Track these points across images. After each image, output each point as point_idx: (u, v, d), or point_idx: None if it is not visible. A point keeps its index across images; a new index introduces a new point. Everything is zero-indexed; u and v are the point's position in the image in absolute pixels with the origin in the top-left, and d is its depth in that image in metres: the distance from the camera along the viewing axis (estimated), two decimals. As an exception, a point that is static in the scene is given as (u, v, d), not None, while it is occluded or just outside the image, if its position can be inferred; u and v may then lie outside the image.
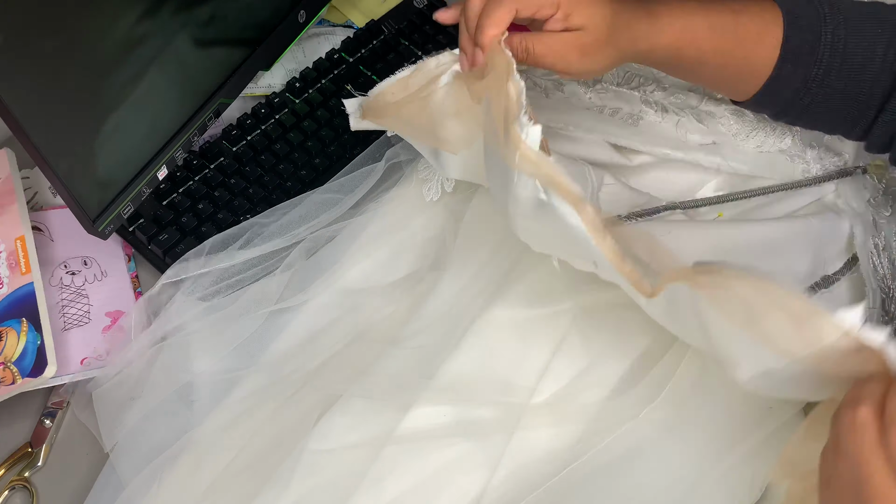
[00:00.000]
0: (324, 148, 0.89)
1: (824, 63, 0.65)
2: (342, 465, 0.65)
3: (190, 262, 0.77)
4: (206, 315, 0.75)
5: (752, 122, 0.82)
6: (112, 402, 0.72)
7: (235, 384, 0.72)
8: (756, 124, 0.82)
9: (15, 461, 0.72)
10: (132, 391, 0.72)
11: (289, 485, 0.64)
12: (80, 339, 0.77)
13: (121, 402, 0.71)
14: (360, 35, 0.98)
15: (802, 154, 0.82)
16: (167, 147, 0.81)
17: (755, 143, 0.82)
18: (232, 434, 0.69)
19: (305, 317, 0.76)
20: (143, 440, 0.69)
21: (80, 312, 0.79)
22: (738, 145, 0.81)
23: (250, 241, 0.79)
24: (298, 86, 0.93)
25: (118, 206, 0.77)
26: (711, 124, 0.82)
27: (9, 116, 0.62)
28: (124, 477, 0.67)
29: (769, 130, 0.82)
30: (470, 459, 0.65)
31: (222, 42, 0.84)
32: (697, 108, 0.82)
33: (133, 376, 0.72)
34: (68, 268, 0.82)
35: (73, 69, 0.66)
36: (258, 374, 0.72)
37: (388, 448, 0.66)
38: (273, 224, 0.80)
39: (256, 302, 0.76)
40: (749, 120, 0.82)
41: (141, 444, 0.69)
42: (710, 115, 0.82)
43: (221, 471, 0.67)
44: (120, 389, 0.72)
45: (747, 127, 0.82)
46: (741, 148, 0.82)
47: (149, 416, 0.70)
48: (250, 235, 0.79)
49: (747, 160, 0.82)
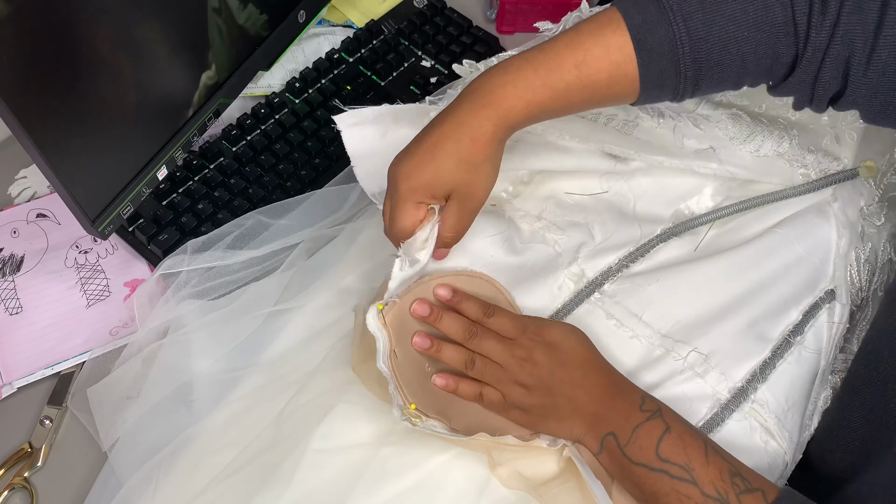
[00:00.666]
0: (324, 148, 0.89)
1: (690, 75, 0.64)
2: (343, 465, 0.66)
3: (186, 256, 0.77)
4: (204, 314, 0.75)
5: (750, 125, 0.82)
6: (108, 402, 0.72)
7: (235, 384, 0.72)
8: (754, 128, 0.82)
9: (15, 461, 0.72)
10: (128, 390, 0.72)
11: (290, 484, 0.64)
12: (105, 313, 0.81)
13: (117, 401, 0.72)
14: (359, 35, 0.98)
15: (801, 158, 0.81)
16: (167, 147, 0.81)
17: (752, 146, 0.81)
18: (231, 433, 0.69)
19: (305, 317, 0.76)
20: (142, 439, 0.69)
21: (100, 287, 0.82)
22: (735, 150, 0.81)
23: (246, 236, 0.79)
24: (298, 86, 0.93)
25: (118, 207, 0.77)
26: (708, 128, 0.81)
27: (9, 116, 0.62)
28: (122, 476, 0.68)
29: (766, 134, 0.81)
30: (470, 457, 0.66)
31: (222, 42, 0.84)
32: (694, 113, 0.82)
33: (129, 375, 0.73)
34: (80, 247, 0.85)
35: (72, 69, 0.66)
36: (257, 373, 0.73)
37: (387, 448, 0.66)
38: (273, 225, 0.80)
39: (256, 302, 0.76)
40: (746, 123, 0.81)
41: (139, 443, 0.69)
42: (707, 118, 0.81)
43: (220, 469, 0.67)
44: (116, 388, 0.72)
45: (745, 131, 0.81)
46: (738, 152, 0.81)
47: (147, 416, 0.70)
48: (245, 231, 0.79)
49: (745, 164, 0.81)
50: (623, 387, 0.65)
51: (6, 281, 0.82)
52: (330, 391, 0.70)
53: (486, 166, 0.65)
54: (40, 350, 0.78)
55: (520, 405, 0.65)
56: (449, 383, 0.65)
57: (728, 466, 0.59)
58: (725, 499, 0.57)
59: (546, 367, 0.64)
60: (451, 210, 0.66)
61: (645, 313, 0.74)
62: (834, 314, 0.74)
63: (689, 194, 0.81)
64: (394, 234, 0.67)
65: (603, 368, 0.66)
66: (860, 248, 0.78)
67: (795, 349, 0.72)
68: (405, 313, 0.68)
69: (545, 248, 0.77)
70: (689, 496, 0.58)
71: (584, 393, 0.64)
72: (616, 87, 0.64)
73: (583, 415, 0.64)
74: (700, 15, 0.61)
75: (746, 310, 0.73)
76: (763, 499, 0.57)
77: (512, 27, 1.03)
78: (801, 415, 0.71)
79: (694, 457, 0.59)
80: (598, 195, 0.81)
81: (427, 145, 0.64)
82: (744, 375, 0.71)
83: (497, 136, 0.64)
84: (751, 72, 0.64)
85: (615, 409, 0.63)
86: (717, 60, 0.63)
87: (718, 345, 0.72)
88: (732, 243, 0.78)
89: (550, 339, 0.66)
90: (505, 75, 0.64)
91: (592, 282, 0.76)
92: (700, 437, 0.61)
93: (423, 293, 0.69)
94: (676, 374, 0.71)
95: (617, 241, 0.78)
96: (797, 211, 0.80)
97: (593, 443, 0.63)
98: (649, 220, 0.80)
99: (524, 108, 0.64)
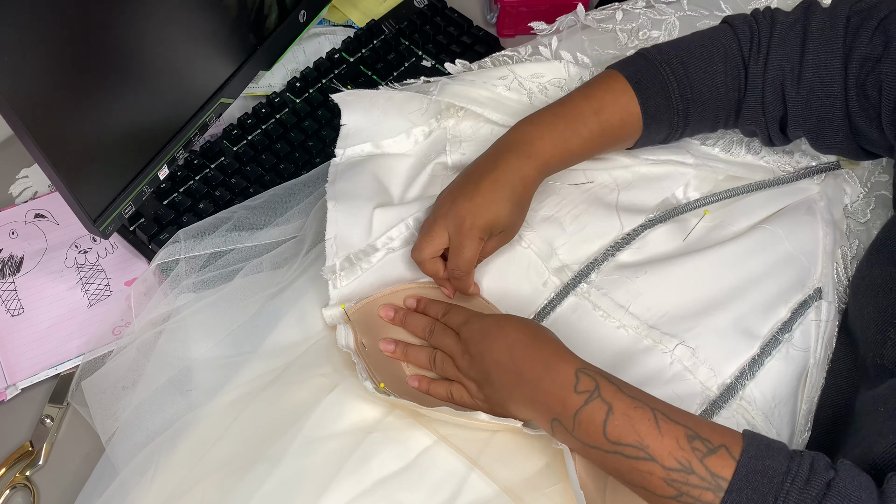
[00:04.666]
0: (324, 147, 0.89)
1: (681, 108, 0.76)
2: (330, 450, 0.66)
3: (182, 244, 0.77)
4: (200, 301, 0.75)
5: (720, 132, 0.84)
6: (104, 393, 0.72)
7: (232, 371, 0.72)
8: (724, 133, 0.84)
9: (16, 460, 0.72)
10: (124, 380, 0.72)
11: (276, 468, 0.64)
12: (108, 312, 0.81)
13: (113, 391, 0.72)
14: (360, 35, 0.98)
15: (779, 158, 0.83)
16: (168, 146, 0.81)
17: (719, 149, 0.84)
18: (228, 422, 0.69)
19: (301, 306, 0.76)
20: (139, 428, 0.69)
21: (101, 287, 0.82)
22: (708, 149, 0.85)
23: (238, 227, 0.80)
24: (299, 85, 0.93)
25: (119, 206, 0.77)
26: None
27: (10, 115, 0.62)
28: (119, 463, 0.68)
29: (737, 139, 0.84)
30: (457, 437, 0.66)
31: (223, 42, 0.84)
32: None
33: (124, 366, 0.73)
34: (79, 247, 0.85)
35: (74, 69, 0.66)
36: (254, 362, 0.73)
37: (374, 434, 0.66)
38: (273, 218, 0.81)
39: (252, 289, 0.76)
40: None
41: (136, 432, 0.69)
42: None
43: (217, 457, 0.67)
44: (111, 379, 0.73)
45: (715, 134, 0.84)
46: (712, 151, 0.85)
47: (144, 404, 0.70)
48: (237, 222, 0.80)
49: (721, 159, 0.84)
50: (554, 366, 0.62)
51: (7, 282, 0.82)
52: (324, 379, 0.70)
53: (527, 206, 0.76)
54: (43, 351, 0.78)
55: (479, 397, 0.67)
56: (422, 384, 0.71)
57: (684, 431, 0.57)
58: (689, 467, 0.55)
59: (478, 356, 0.66)
60: (494, 244, 0.75)
61: (632, 305, 0.74)
62: (821, 312, 0.75)
63: (676, 184, 0.82)
64: (458, 265, 0.73)
65: (532, 347, 0.64)
66: (846, 245, 0.79)
67: (784, 346, 0.73)
68: (373, 316, 0.74)
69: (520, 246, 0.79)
70: (651, 472, 0.56)
71: (514, 376, 0.63)
72: (626, 127, 0.76)
73: (523, 400, 0.63)
74: (677, 59, 0.75)
75: (735, 305, 0.74)
76: (728, 455, 0.55)
77: (512, 31, 1.03)
78: (790, 412, 0.71)
79: (645, 432, 0.57)
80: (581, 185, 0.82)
81: (486, 188, 0.72)
82: (733, 372, 0.71)
83: (538, 181, 0.76)
84: (723, 104, 0.76)
85: (549, 393, 0.61)
86: (699, 92, 0.75)
87: (706, 339, 0.72)
88: (721, 237, 0.79)
89: (485, 326, 0.67)
90: (542, 129, 0.75)
91: (578, 273, 0.77)
92: (647, 406, 0.58)
93: (392, 300, 0.75)
94: (665, 368, 0.71)
95: (598, 230, 0.79)
96: (785, 207, 0.81)
97: (546, 427, 0.62)
98: (634, 210, 0.81)
99: (560, 156, 0.75)
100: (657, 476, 0.56)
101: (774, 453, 0.55)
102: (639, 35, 0.93)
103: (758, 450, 0.55)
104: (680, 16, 0.94)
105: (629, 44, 0.93)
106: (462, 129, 0.86)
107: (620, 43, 0.93)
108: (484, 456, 0.65)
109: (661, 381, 0.70)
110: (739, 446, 0.55)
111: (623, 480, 0.59)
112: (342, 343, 0.71)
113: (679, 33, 0.92)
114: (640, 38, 0.92)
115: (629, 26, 0.93)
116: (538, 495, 0.63)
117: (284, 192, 0.83)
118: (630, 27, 0.93)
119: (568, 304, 0.76)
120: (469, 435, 0.66)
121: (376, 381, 0.69)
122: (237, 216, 0.80)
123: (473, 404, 0.68)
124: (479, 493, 0.64)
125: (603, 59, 0.92)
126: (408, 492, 0.64)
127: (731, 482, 0.54)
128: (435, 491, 0.64)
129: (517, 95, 0.86)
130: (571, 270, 0.77)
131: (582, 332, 0.71)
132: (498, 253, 0.77)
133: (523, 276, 0.77)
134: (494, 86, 0.86)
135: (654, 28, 0.93)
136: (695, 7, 0.95)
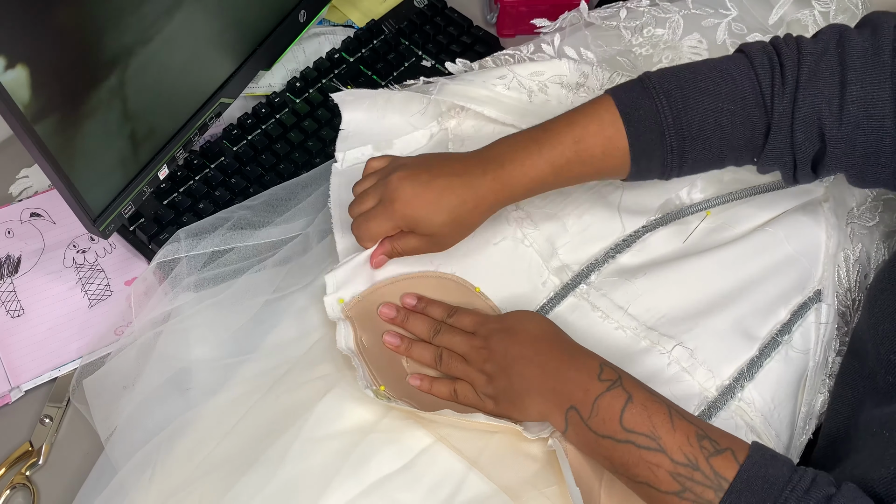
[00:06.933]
0: (324, 147, 0.89)
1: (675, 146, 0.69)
2: (330, 450, 0.66)
3: (182, 243, 0.77)
4: (201, 301, 0.75)
5: None
6: (105, 392, 0.72)
7: (231, 372, 0.72)
8: None
9: (15, 460, 0.72)
10: (124, 379, 0.72)
11: (277, 470, 0.64)
12: (109, 312, 0.80)
13: (113, 390, 0.72)
14: (360, 35, 0.98)
15: None
16: (168, 146, 0.81)
17: None
18: (227, 421, 0.69)
19: (302, 306, 0.76)
20: (138, 427, 0.69)
21: (101, 287, 0.82)
22: None
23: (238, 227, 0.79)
24: (299, 85, 0.93)
25: (119, 206, 0.77)
26: None
27: (10, 115, 0.62)
28: (118, 463, 0.68)
29: None
30: (456, 438, 0.66)
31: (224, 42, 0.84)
32: None
33: (125, 365, 0.73)
34: (78, 247, 0.84)
35: (74, 69, 0.66)
36: (253, 362, 0.73)
37: (374, 434, 0.66)
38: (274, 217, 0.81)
39: (253, 290, 0.76)
40: None
41: (135, 431, 0.69)
42: None
43: (216, 457, 0.67)
44: (111, 378, 0.72)
45: None
46: None
47: (144, 404, 0.70)
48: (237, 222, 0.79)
49: None
50: (579, 357, 0.65)
51: (5, 283, 0.82)
52: (323, 380, 0.70)
53: (467, 230, 0.73)
54: (46, 352, 0.78)
55: (487, 394, 0.67)
56: (423, 383, 0.69)
57: (695, 430, 0.58)
58: (695, 463, 0.57)
59: (500, 351, 0.66)
60: (414, 244, 0.72)
61: (631, 306, 0.74)
62: (821, 314, 0.75)
63: (681, 184, 0.82)
64: (361, 234, 0.72)
65: (556, 341, 0.66)
66: (849, 248, 0.78)
67: (783, 349, 0.73)
68: (372, 311, 0.73)
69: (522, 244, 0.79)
70: (659, 464, 0.57)
71: (538, 368, 0.64)
72: (609, 159, 0.70)
73: (541, 391, 0.64)
74: (678, 91, 0.68)
75: (734, 306, 0.74)
76: (733, 458, 0.57)
77: (512, 30, 1.03)
78: (790, 414, 0.71)
79: (659, 424, 0.59)
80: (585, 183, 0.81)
81: (436, 187, 0.69)
82: (731, 373, 0.71)
83: (493, 208, 0.72)
84: (732, 143, 0.69)
85: (572, 380, 0.63)
86: (699, 131, 0.68)
87: (705, 340, 0.72)
88: (722, 240, 0.78)
89: (506, 324, 0.68)
90: (516, 151, 0.70)
91: (578, 274, 0.76)
92: (664, 402, 0.61)
93: (389, 294, 0.74)
94: (663, 369, 0.71)
95: (601, 232, 0.79)
96: (788, 209, 0.80)
97: (558, 420, 0.63)
98: (637, 211, 0.80)
99: (526, 185, 0.70)
100: (664, 469, 0.57)
101: (779, 464, 0.56)
102: (643, 33, 0.92)
103: (763, 458, 0.56)
104: (684, 14, 0.93)
105: (633, 41, 0.92)
106: (464, 128, 0.86)
107: (624, 40, 0.93)
108: (483, 456, 0.65)
109: (660, 381, 0.70)
110: (745, 452, 0.57)
111: (627, 475, 0.60)
112: (342, 345, 0.70)
113: (683, 31, 0.92)
114: (645, 35, 0.92)
115: (633, 24, 0.93)
116: (536, 494, 0.63)
117: (284, 191, 0.83)
118: (634, 24, 0.93)
119: (567, 304, 0.76)
120: (468, 435, 0.66)
121: (377, 382, 0.68)
122: (237, 216, 0.80)
123: (477, 402, 0.67)
124: (478, 492, 0.64)
125: (607, 55, 0.91)
126: (407, 492, 0.64)
127: (732, 483, 0.55)
128: (434, 491, 0.64)
129: (517, 94, 0.86)
130: (571, 271, 0.77)
131: (580, 332, 0.71)
132: (499, 251, 0.77)
133: (523, 275, 0.77)
134: (494, 85, 0.86)
135: (658, 26, 0.93)
136: (700, 5, 0.94)
